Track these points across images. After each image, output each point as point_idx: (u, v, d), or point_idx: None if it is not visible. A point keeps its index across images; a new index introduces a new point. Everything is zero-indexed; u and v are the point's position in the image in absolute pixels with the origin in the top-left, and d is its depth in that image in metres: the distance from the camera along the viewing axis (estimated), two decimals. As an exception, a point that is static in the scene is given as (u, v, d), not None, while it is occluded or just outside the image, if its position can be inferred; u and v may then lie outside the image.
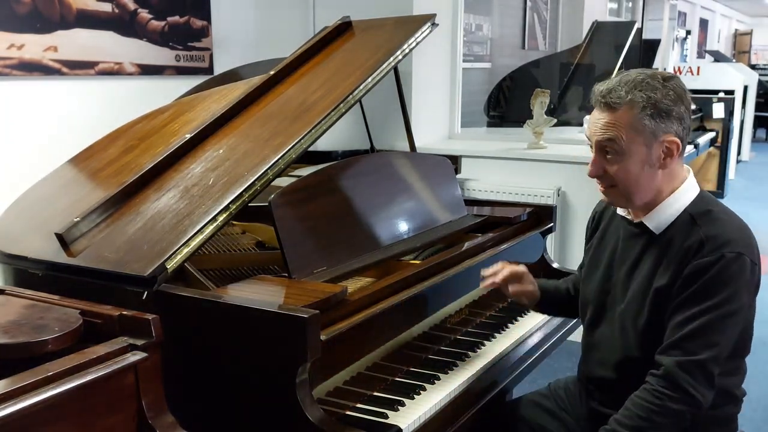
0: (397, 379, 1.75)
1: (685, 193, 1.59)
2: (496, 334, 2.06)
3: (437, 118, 4.13)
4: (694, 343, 1.48)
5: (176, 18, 3.37)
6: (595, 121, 1.56)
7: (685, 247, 1.53)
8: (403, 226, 2.12)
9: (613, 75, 1.61)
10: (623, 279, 1.66)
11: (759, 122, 11.82)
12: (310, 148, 1.98)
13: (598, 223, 1.83)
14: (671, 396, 1.47)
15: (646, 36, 6.06)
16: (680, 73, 8.71)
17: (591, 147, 1.61)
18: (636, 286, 1.62)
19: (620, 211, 1.69)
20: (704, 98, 7.54)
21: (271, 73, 2.31)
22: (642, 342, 1.59)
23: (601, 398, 1.72)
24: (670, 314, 1.53)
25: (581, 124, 4.66)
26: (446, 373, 1.79)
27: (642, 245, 1.63)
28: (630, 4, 9.44)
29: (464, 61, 4.31)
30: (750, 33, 17.60)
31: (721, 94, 7.83)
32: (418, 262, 2.05)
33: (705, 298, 1.48)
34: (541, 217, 2.54)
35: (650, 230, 1.61)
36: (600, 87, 1.57)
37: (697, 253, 1.51)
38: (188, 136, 2.05)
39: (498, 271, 1.87)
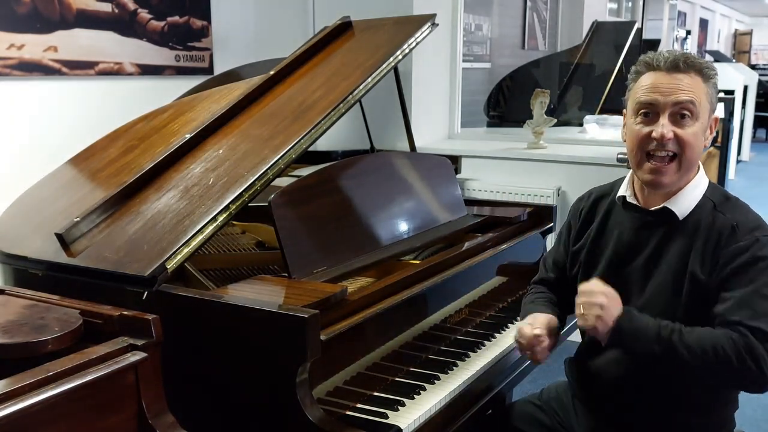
0: (397, 379, 1.75)
1: (702, 179, 1.60)
2: (496, 334, 2.06)
3: (437, 118, 4.13)
4: (762, 323, 1.42)
5: (176, 18, 3.37)
6: (668, 83, 1.50)
7: (715, 233, 1.51)
8: (403, 226, 2.12)
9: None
10: (640, 270, 1.60)
11: (759, 122, 11.83)
12: (310, 148, 1.98)
13: (589, 218, 1.75)
14: (743, 357, 1.39)
15: (646, 36, 6.07)
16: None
17: (643, 114, 1.53)
18: (663, 276, 1.56)
19: (630, 199, 1.63)
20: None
21: (271, 73, 2.31)
22: None
23: (609, 413, 1.66)
24: (718, 298, 1.48)
25: (581, 124, 4.67)
26: (446, 373, 1.79)
27: (663, 233, 1.58)
28: (630, 4, 9.43)
29: (464, 61, 4.31)
30: (750, 33, 17.62)
31: (721, 94, 7.82)
32: (418, 262, 2.05)
33: (755, 277, 1.46)
34: (541, 217, 2.55)
35: (671, 217, 1.56)
36: (664, 53, 1.53)
37: (731, 237, 1.50)
38: (188, 136, 2.05)
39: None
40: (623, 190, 1.66)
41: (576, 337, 1.94)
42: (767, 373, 1.40)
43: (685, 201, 1.57)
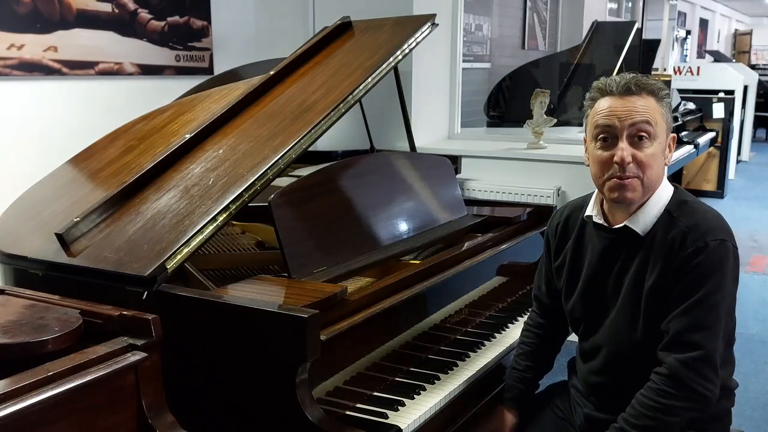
0: (397, 379, 1.75)
1: (664, 192, 1.60)
2: (496, 334, 2.06)
3: (437, 118, 4.13)
4: (695, 337, 1.48)
5: (176, 18, 3.37)
6: (623, 106, 1.53)
7: (668, 241, 1.53)
8: (403, 226, 2.12)
9: (614, 75, 1.62)
10: (611, 289, 1.64)
11: (759, 122, 11.81)
12: (310, 148, 1.98)
13: (563, 236, 1.77)
14: (677, 395, 1.47)
15: (646, 36, 6.06)
16: (680, 73, 8.71)
17: (602, 139, 1.55)
18: (625, 291, 1.60)
19: (596, 218, 1.65)
20: (704, 98, 7.54)
21: (271, 73, 2.31)
22: (639, 345, 1.58)
23: (597, 403, 1.70)
24: (666, 311, 1.52)
25: (581, 124, 4.65)
26: (446, 373, 1.79)
27: (627, 250, 1.61)
28: (630, 4, 9.44)
29: (464, 61, 4.30)
30: (750, 33, 17.59)
31: (721, 94, 7.82)
32: (418, 262, 2.05)
33: (696, 288, 1.49)
34: (541, 217, 2.54)
35: (633, 234, 1.59)
36: (616, 78, 1.56)
37: (681, 244, 1.51)
38: (188, 136, 2.05)
39: None
40: (590, 209, 1.69)
41: (575, 337, 1.95)
42: (701, 392, 1.47)
43: (646, 217, 1.58)
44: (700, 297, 1.48)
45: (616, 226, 1.62)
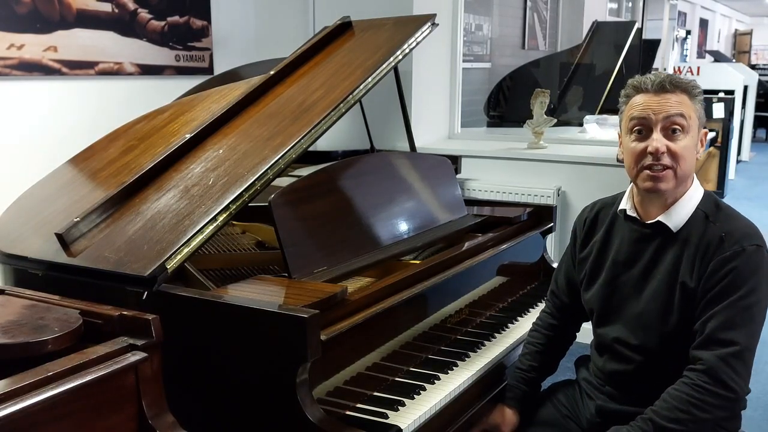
0: (397, 379, 1.75)
1: (696, 191, 1.65)
2: (496, 334, 2.06)
3: (437, 118, 4.13)
4: (730, 334, 1.50)
5: (176, 18, 3.37)
6: (657, 101, 1.58)
7: (704, 244, 1.57)
8: (403, 226, 2.12)
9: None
10: (636, 279, 1.67)
11: (759, 122, 11.81)
12: (310, 148, 1.98)
13: (592, 229, 1.82)
14: (712, 390, 1.49)
15: (646, 36, 6.06)
16: (680, 73, 8.71)
17: (637, 131, 1.60)
18: (657, 285, 1.63)
19: (630, 212, 1.70)
20: (704, 98, 7.52)
21: (271, 73, 2.31)
22: (668, 339, 1.61)
23: (611, 393, 1.71)
24: (700, 311, 1.55)
25: (581, 124, 4.67)
26: (446, 373, 1.79)
27: (657, 245, 1.65)
28: (630, 4, 9.44)
29: (464, 61, 4.30)
30: (750, 33, 17.59)
31: (721, 94, 7.83)
32: (418, 262, 2.05)
33: (732, 290, 1.52)
34: (541, 217, 2.55)
35: (665, 229, 1.63)
36: (650, 76, 1.62)
37: (718, 247, 1.55)
38: (188, 136, 2.05)
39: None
40: (624, 203, 1.73)
41: (582, 338, 1.96)
42: (734, 387, 1.49)
43: (679, 214, 1.63)
44: (736, 298, 1.51)
45: (650, 221, 1.66)
